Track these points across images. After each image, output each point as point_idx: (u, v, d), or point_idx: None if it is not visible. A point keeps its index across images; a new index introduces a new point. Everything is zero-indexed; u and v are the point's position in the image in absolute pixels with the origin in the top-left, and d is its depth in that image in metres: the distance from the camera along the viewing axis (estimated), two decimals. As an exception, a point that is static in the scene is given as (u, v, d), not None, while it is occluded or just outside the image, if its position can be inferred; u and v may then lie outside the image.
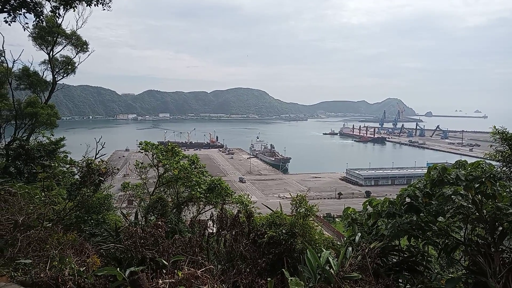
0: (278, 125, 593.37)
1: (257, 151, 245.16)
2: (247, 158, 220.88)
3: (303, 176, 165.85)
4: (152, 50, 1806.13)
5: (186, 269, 5.41)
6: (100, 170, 12.58)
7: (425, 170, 7.51)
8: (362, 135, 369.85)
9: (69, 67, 23.44)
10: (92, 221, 11.65)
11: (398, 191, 7.90)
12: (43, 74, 22.81)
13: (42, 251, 6.25)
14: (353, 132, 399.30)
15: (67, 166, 14.86)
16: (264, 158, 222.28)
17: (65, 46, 22.98)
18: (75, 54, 23.37)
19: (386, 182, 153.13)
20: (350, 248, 6.85)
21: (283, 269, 6.35)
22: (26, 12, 11.74)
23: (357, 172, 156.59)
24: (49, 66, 23.01)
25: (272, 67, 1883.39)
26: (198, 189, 13.66)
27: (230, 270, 7.39)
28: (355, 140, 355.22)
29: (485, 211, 6.74)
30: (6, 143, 19.04)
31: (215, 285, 5.28)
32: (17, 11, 11.58)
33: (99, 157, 13.99)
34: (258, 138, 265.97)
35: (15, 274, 5.51)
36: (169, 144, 15.02)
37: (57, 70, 23.29)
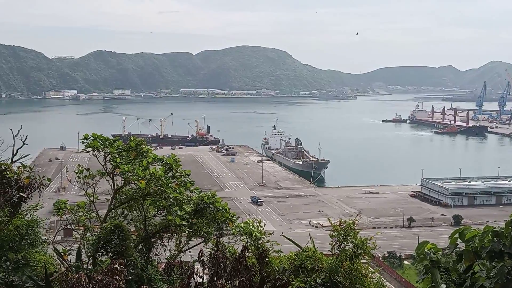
0: (308, 107, 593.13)
1: (273, 149, 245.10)
2: (258, 162, 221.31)
3: (350, 191, 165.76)
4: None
5: None
6: (20, 181, 12.74)
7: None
8: (448, 122, 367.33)
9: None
10: (8, 262, 11.80)
11: (507, 216, 7.82)
12: None
13: None
14: (432, 117, 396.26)
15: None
16: (285, 162, 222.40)
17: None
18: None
19: (488, 200, 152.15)
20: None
21: None
22: None
23: (439, 184, 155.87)
24: None
25: (298, 12, 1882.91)
26: (179, 211, 13.73)
27: None
28: (436, 132, 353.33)
29: None
30: None
31: None
32: None
33: (19, 159, 14.12)
34: (275, 128, 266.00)
35: None
36: (132, 138, 15.10)
37: None
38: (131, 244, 12.90)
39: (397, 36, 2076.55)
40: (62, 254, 12.95)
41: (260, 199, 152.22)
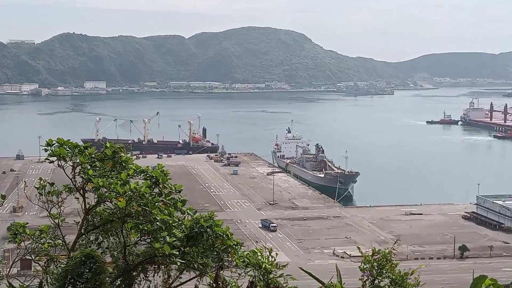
0: (331, 105, 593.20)
1: (287, 159, 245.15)
2: (268, 174, 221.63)
3: (385, 212, 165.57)
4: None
5: None
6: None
7: None
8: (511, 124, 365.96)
9: None
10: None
11: None
12: None
13: None
14: (491, 118, 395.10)
15: None
16: (302, 174, 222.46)
17: None
18: None
19: None
20: None
21: None
22: None
23: (499, 203, 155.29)
24: None
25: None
26: (168, 237, 13.77)
27: None
28: (495, 136, 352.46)
29: None
30: None
31: None
32: None
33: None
34: (289, 131, 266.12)
35: None
36: (107, 145, 15.17)
37: None
38: (107, 278, 12.94)
39: (445, 15, 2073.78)
40: (20, 291, 13.00)
41: (273, 223, 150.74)
